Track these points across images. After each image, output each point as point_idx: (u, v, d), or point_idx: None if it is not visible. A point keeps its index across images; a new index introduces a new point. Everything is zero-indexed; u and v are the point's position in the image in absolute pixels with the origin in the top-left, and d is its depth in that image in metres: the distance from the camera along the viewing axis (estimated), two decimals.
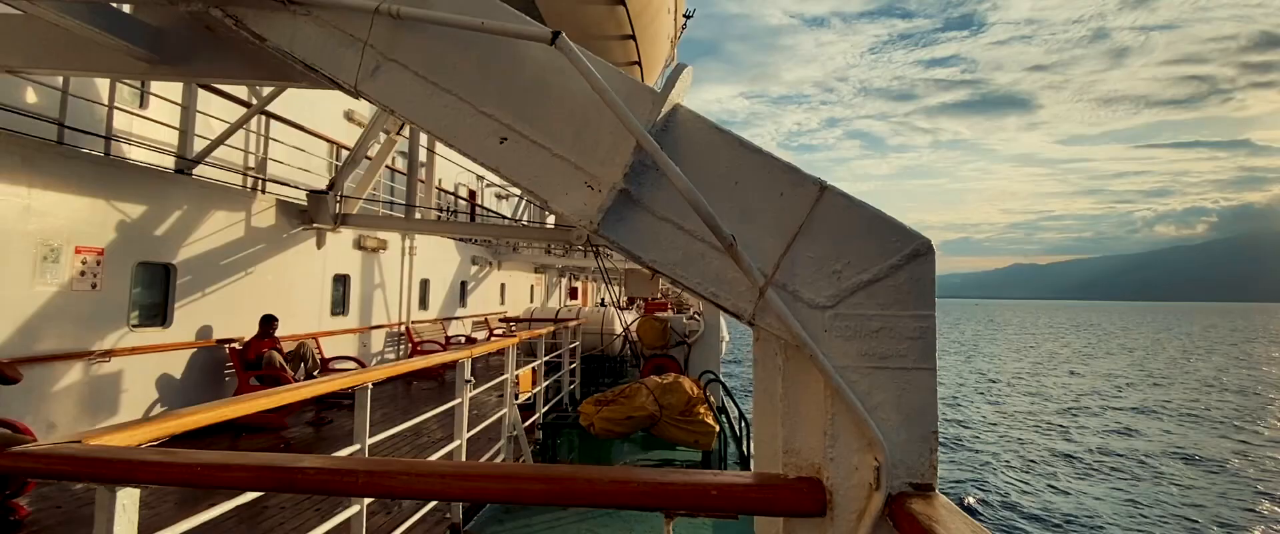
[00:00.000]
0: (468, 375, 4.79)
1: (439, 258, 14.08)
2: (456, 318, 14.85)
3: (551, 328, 9.79)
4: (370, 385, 3.33)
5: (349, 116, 12.89)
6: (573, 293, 28.18)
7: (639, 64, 6.33)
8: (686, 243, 1.62)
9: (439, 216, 12.16)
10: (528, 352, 10.27)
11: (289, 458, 1.57)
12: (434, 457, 4.99)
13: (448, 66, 1.84)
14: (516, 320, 10.23)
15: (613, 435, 5.87)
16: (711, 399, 6.55)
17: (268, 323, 7.88)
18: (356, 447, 3.30)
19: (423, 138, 9.61)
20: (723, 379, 7.40)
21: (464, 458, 4.71)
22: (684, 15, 9.04)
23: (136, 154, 7.23)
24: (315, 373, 8.29)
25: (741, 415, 5.88)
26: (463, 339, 13.98)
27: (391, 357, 11.84)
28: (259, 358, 7.63)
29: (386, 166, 10.61)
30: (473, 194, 19.33)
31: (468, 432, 4.81)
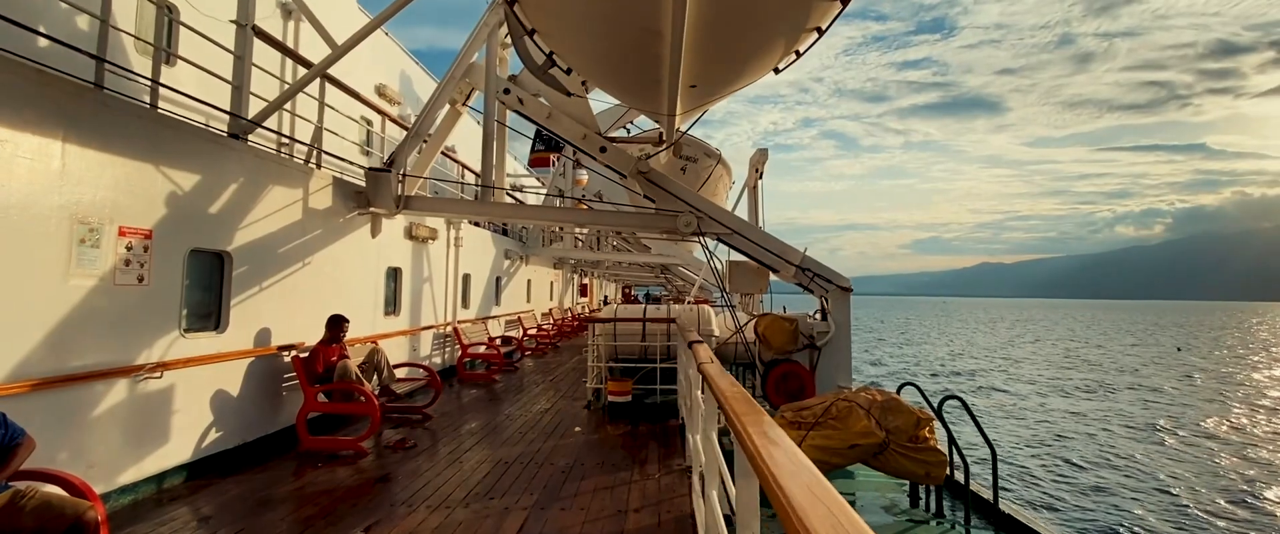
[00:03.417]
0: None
1: (479, 251, 12.65)
2: (492, 317, 13.44)
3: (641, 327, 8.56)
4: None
5: (381, 91, 11.39)
6: (583, 290, 26.82)
7: None
8: None
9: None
10: (612, 357, 9.00)
11: None
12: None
13: None
14: (595, 319, 8.96)
15: (827, 469, 4.70)
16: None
17: (337, 325, 6.45)
18: None
19: (496, 109, 8.24)
20: (921, 389, 6.28)
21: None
22: None
23: (170, 108, 5.73)
24: (392, 386, 6.88)
25: (986, 441, 4.75)
26: (497, 341, 12.60)
27: (438, 361, 10.40)
28: (330, 369, 6.20)
29: (443, 153, 9.23)
30: None
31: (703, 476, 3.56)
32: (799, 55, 6.20)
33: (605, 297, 34.28)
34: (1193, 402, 24.53)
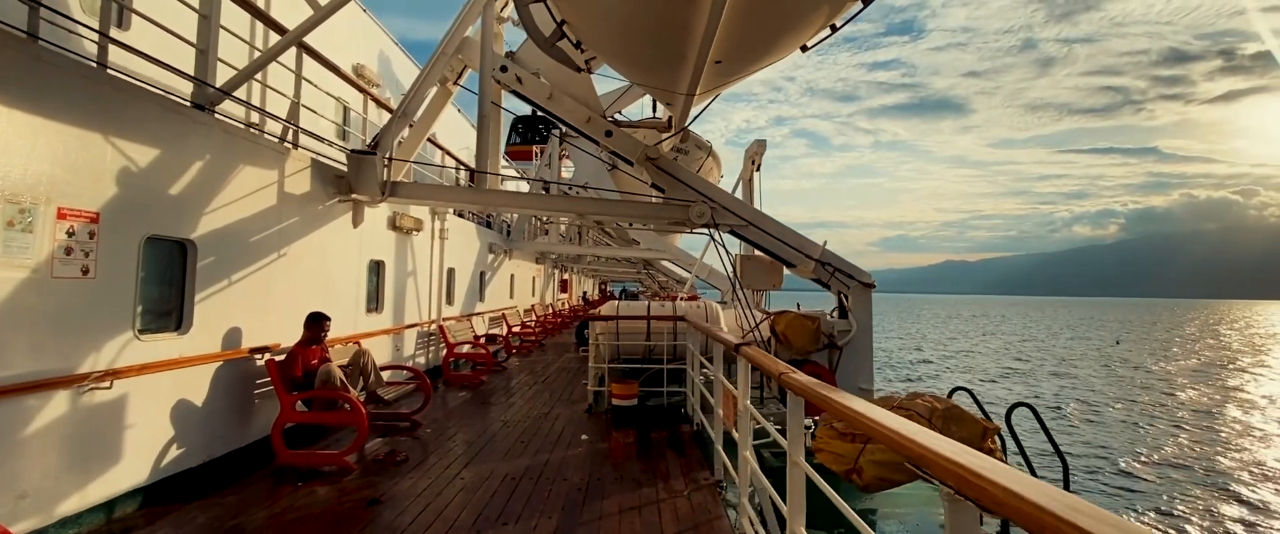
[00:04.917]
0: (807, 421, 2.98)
1: (464, 245, 11.89)
2: (476, 314, 12.69)
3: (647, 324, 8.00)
4: None
5: (358, 72, 10.53)
6: (563, 286, 26.07)
7: None
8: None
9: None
10: (613, 358, 8.41)
11: None
12: None
13: None
14: (595, 317, 8.38)
15: (889, 486, 4.21)
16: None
17: (317, 324, 5.72)
18: None
19: (492, 90, 7.54)
20: (975, 394, 5.87)
21: None
22: None
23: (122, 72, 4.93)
24: (378, 391, 6.16)
25: (1057, 451, 4.33)
26: (483, 340, 11.87)
27: (423, 361, 9.66)
28: (309, 373, 5.47)
29: (430, 140, 8.48)
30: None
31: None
32: (834, 30, 5.71)
33: (584, 292, 33.60)
34: (1107, 386, 26.00)
